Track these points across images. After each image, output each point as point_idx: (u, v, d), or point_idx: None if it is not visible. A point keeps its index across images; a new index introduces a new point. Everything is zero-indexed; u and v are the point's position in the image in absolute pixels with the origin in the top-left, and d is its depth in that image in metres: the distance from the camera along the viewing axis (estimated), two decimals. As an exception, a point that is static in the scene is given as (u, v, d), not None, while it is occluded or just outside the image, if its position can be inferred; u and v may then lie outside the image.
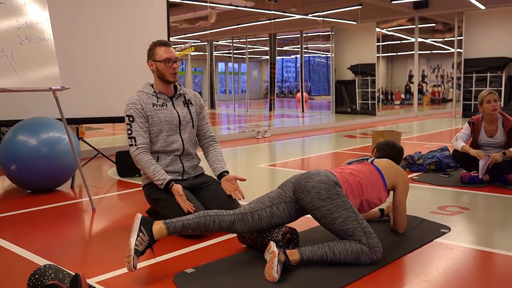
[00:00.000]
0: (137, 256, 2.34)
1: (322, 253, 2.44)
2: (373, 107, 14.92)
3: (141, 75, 5.55)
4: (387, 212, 3.31)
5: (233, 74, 19.95)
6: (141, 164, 3.16)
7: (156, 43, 3.31)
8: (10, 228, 3.36)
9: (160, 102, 3.28)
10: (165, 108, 3.28)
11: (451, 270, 2.47)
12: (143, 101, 3.23)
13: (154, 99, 3.27)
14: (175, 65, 3.25)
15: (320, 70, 23.93)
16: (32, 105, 4.80)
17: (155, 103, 3.26)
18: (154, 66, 3.27)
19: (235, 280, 2.34)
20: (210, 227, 2.53)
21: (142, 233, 2.39)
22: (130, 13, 5.62)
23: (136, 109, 3.19)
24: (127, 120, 3.20)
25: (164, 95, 3.31)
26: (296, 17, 14.76)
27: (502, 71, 12.74)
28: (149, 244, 2.41)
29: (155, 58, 3.26)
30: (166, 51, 3.25)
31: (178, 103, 3.36)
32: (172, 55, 3.26)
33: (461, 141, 4.73)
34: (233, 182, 3.28)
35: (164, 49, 3.26)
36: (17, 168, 4.19)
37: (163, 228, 2.46)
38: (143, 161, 3.14)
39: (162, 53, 3.25)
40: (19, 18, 3.56)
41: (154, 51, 3.28)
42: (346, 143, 8.38)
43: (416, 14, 14.41)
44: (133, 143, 3.17)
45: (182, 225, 2.49)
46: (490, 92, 4.60)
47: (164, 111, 3.27)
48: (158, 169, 3.13)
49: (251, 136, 9.39)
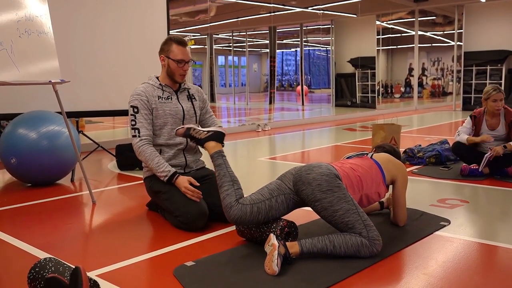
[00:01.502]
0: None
1: (322, 246, 2.44)
2: (373, 100, 14.91)
3: (141, 68, 5.56)
4: (387, 204, 3.31)
5: (233, 68, 19.90)
6: (144, 156, 3.14)
7: (173, 39, 3.24)
8: (10, 222, 3.36)
9: (165, 95, 3.27)
10: (170, 101, 3.28)
11: (451, 263, 2.47)
12: (148, 92, 3.22)
13: (159, 92, 3.26)
14: (186, 67, 3.23)
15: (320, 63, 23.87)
16: (32, 98, 4.79)
17: (161, 95, 3.25)
18: (166, 62, 3.25)
19: (235, 273, 2.34)
20: (218, 186, 2.68)
21: None
22: (129, 6, 5.60)
23: (141, 100, 3.18)
24: (131, 111, 3.18)
25: (170, 88, 3.31)
26: (296, 10, 14.71)
27: (502, 64, 12.72)
28: None
29: (169, 55, 3.22)
30: (181, 52, 3.21)
31: (182, 97, 3.35)
32: (187, 57, 3.22)
33: (464, 134, 4.73)
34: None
35: (180, 48, 3.21)
36: (17, 161, 4.19)
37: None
38: (147, 152, 3.12)
39: (178, 52, 3.20)
40: (18, 11, 3.55)
41: (169, 47, 3.23)
42: (346, 136, 8.38)
43: (416, 7, 14.37)
44: (137, 134, 3.15)
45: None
46: (498, 91, 4.56)
47: (169, 104, 3.26)
48: (162, 161, 3.12)
49: (251, 129, 9.39)
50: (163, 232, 3.06)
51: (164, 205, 3.19)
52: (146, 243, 2.88)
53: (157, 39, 5.78)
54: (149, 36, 5.73)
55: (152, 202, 3.52)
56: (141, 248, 2.76)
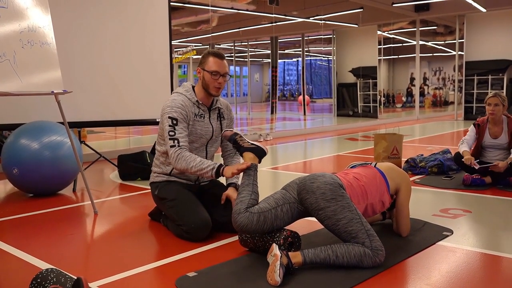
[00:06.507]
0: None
1: (325, 256, 2.44)
2: (375, 110, 14.91)
3: (143, 78, 5.59)
4: (389, 215, 3.30)
5: (235, 77, 19.98)
6: (184, 160, 3.01)
7: (210, 53, 3.22)
8: (12, 232, 3.36)
9: (200, 113, 3.24)
10: (203, 120, 3.25)
11: (454, 273, 2.46)
12: (187, 107, 3.17)
13: (196, 109, 3.22)
14: (221, 80, 3.18)
15: (322, 73, 23.95)
16: (34, 109, 4.81)
17: (196, 113, 3.22)
18: (201, 74, 3.22)
19: (237, 284, 2.33)
20: (238, 192, 2.77)
21: None
22: (132, 17, 5.63)
23: (182, 113, 3.12)
24: (169, 122, 3.09)
25: (205, 106, 3.27)
26: (297, 21, 14.77)
27: (504, 73, 12.73)
28: None
29: (204, 67, 3.20)
30: (216, 63, 3.17)
31: (213, 116, 3.32)
32: (222, 69, 3.18)
33: (466, 145, 4.72)
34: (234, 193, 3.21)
35: (215, 60, 3.18)
36: (19, 171, 4.20)
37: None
38: (187, 155, 3.02)
39: (212, 64, 3.17)
40: (21, 22, 3.57)
41: (206, 60, 3.20)
42: (348, 146, 8.38)
43: (417, 17, 14.41)
44: (176, 144, 3.06)
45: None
46: (494, 96, 4.60)
47: (201, 123, 3.24)
48: (205, 160, 3.04)
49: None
50: (165, 242, 3.05)
51: (168, 213, 3.18)
52: (148, 254, 2.88)
53: (159, 49, 5.86)
54: (151, 46, 5.76)
55: (154, 212, 3.51)
56: (143, 258, 2.75)
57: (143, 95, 5.58)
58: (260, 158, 2.98)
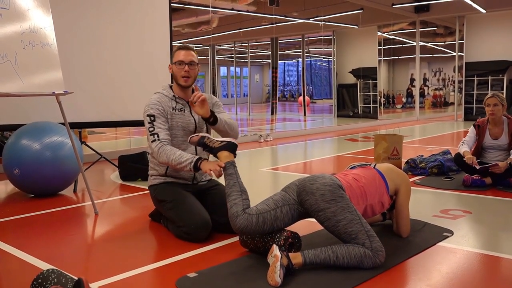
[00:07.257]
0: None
1: (325, 257, 2.44)
2: (375, 111, 14.92)
3: (144, 79, 5.60)
4: (389, 215, 3.31)
5: (235, 78, 19.99)
6: (165, 154, 3.00)
7: (178, 47, 3.28)
8: (13, 233, 3.36)
9: (179, 107, 3.26)
10: (183, 113, 3.26)
11: (454, 274, 2.46)
12: (164, 103, 3.20)
13: (173, 103, 3.25)
14: (186, 68, 3.19)
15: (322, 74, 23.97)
16: (35, 109, 4.81)
17: (174, 107, 3.24)
18: (171, 70, 3.27)
19: (237, 285, 2.34)
20: (227, 194, 2.71)
21: None
22: (132, 18, 5.64)
23: (158, 109, 3.15)
24: (148, 120, 3.13)
25: (183, 100, 3.29)
26: (297, 21, 14.78)
27: (504, 74, 12.73)
28: None
29: (172, 61, 3.26)
30: (180, 53, 3.22)
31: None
32: (186, 58, 3.20)
33: (466, 146, 4.73)
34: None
35: (179, 52, 3.24)
36: (20, 172, 4.20)
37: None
38: (167, 149, 3.02)
39: (177, 55, 3.23)
40: (22, 23, 3.57)
41: (173, 54, 3.28)
42: (348, 147, 8.38)
43: (417, 18, 14.42)
44: (156, 138, 3.06)
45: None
46: (492, 96, 4.63)
47: (182, 116, 3.25)
48: (185, 153, 3.02)
49: (253, 140, 9.39)
50: (165, 243, 3.06)
51: (167, 215, 3.19)
52: (148, 254, 2.88)
53: (160, 50, 5.87)
54: (151, 47, 5.77)
55: (155, 213, 3.52)
56: (144, 259, 2.75)
57: (144, 95, 5.50)
58: (234, 152, 2.91)
